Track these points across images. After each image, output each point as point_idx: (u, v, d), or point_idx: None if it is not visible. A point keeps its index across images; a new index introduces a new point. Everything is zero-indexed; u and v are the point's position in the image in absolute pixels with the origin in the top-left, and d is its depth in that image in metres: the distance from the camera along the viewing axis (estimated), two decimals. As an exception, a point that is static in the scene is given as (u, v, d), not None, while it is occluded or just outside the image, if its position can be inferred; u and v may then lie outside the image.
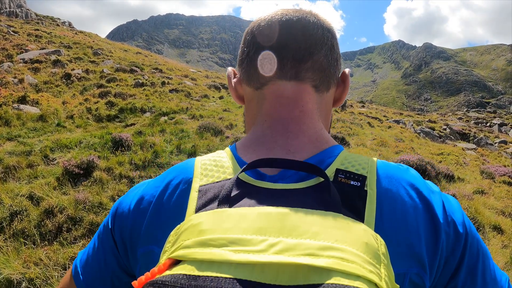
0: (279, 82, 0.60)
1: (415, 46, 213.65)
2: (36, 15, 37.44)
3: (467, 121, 32.97)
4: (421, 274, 0.48)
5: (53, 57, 14.69)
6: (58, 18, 36.73)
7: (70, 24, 36.18)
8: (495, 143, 17.89)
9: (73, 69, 13.80)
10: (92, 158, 5.02)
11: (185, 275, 0.35)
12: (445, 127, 19.68)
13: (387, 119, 17.43)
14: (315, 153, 0.57)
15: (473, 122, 31.90)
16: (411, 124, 15.80)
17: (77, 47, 18.58)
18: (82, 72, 13.72)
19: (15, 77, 11.46)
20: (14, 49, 15.41)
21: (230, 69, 0.70)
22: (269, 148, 0.57)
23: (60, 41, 19.46)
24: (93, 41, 22.81)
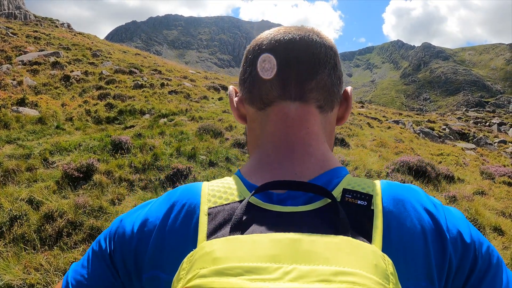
0: (283, 103, 0.59)
1: (414, 46, 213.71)
2: (35, 16, 37.42)
3: (466, 120, 33.01)
4: None
5: (52, 59, 14.67)
6: (57, 20, 36.71)
7: (69, 26, 36.15)
8: (495, 142, 17.91)
9: (72, 71, 13.79)
10: (92, 161, 5.01)
11: None
12: (445, 127, 19.69)
13: (387, 120, 17.44)
14: (321, 173, 0.57)
15: (472, 121, 31.95)
16: (411, 125, 15.81)
17: (76, 49, 18.57)
18: (81, 74, 13.70)
19: (14, 79, 11.44)
20: (13, 51, 15.39)
21: (231, 87, 0.68)
22: (275, 171, 0.57)
23: (59, 43, 19.45)
24: (92, 43, 22.79)
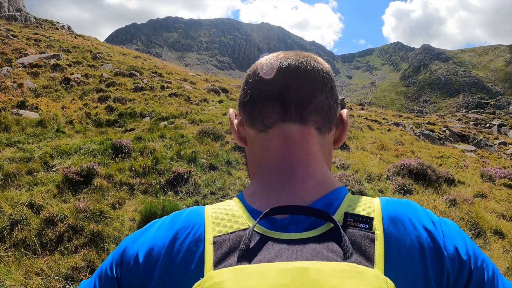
0: (284, 125, 0.61)
1: (413, 47, 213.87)
2: (35, 18, 37.46)
3: (466, 122, 33.04)
4: None
5: (52, 62, 14.69)
6: (57, 22, 36.76)
7: (69, 28, 36.21)
8: (495, 144, 17.94)
9: (72, 74, 13.81)
10: (92, 165, 5.00)
11: None
12: (445, 129, 19.71)
13: (387, 122, 17.46)
14: (322, 195, 0.59)
15: (472, 123, 31.98)
16: (411, 127, 15.82)
17: (76, 51, 18.60)
18: (81, 76, 13.72)
19: (14, 82, 11.46)
20: (13, 53, 15.41)
21: (231, 110, 0.71)
22: (278, 193, 0.58)
23: (59, 45, 19.48)
24: (92, 45, 22.83)
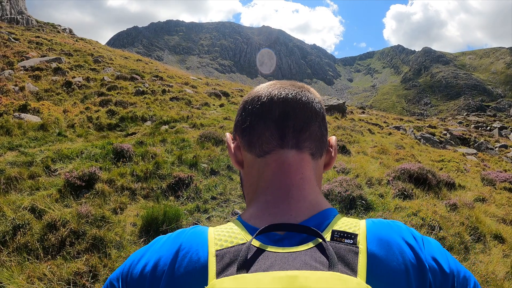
0: (282, 151, 0.66)
1: (414, 50, 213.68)
2: (37, 21, 37.62)
3: (467, 125, 33.02)
4: None
5: (54, 65, 14.75)
6: (59, 25, 36.92)
7: (70, 31, 36.36)
8: (496, 147, 17.91)
9: (74, 77, 13.86)
10: (94, 170, 5.03)
11: None
12: (445, 132, 19.71)
13: (388, 125, 17.47)
14: (313, 215, 0.64)
15: (473, 126, 31.96)
16: (412, 130, 15.82)
17: (77, 55, 18.68)
18: (83, 80, 13.77)
19: (16, 85, 11.50)
20: (15, 56, 15.49)
21: (228, 135, 0.77)
22: (274, 213, 0.64)
23: (61, 49, 19.56)
24: (94, 48, 22.92)
